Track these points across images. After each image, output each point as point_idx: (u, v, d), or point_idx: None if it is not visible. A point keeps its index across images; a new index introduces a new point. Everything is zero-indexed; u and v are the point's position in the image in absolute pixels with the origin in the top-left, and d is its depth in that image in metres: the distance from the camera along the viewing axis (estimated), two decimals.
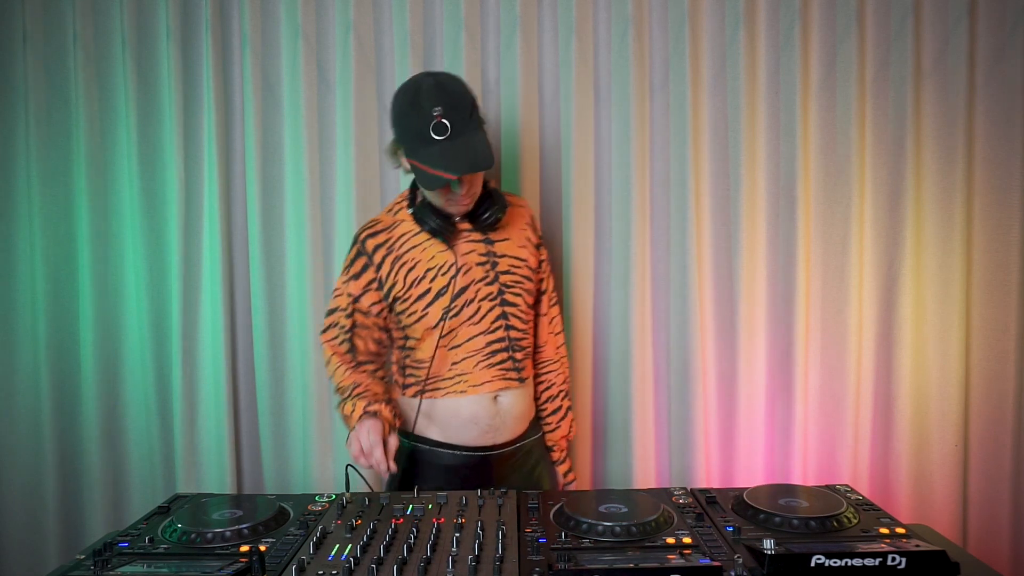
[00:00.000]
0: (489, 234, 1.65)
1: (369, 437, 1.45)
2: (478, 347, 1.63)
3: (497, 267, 1.65)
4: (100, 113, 2.05)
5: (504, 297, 1.65)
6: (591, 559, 1.13)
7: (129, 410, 2.11)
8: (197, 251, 2.06)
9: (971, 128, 2.00)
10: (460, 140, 1.46)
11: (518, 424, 1.69)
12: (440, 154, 1.45)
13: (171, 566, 1.15)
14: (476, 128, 1.50)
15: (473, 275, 1.62)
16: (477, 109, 1.53)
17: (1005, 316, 2.03)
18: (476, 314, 1.62)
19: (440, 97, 1.46)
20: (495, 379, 1.64)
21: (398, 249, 1.62)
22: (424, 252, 1.61)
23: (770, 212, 2.06)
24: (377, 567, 1.13)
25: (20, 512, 2.08)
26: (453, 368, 1.63)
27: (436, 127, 1.44)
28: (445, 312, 1.59)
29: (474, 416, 1.63)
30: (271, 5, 2.04)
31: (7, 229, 2.06)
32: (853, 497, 1.44)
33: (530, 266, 1.71)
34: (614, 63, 2.04)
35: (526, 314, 1.70)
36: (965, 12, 1.96)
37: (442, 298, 1.60)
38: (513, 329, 1.66)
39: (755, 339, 2.07)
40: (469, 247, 1.63)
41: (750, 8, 2.00)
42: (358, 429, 1.47)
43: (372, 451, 1.43)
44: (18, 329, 2.07)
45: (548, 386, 1.83)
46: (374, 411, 1.53)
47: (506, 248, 1.67)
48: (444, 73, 1.55)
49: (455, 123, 1.45)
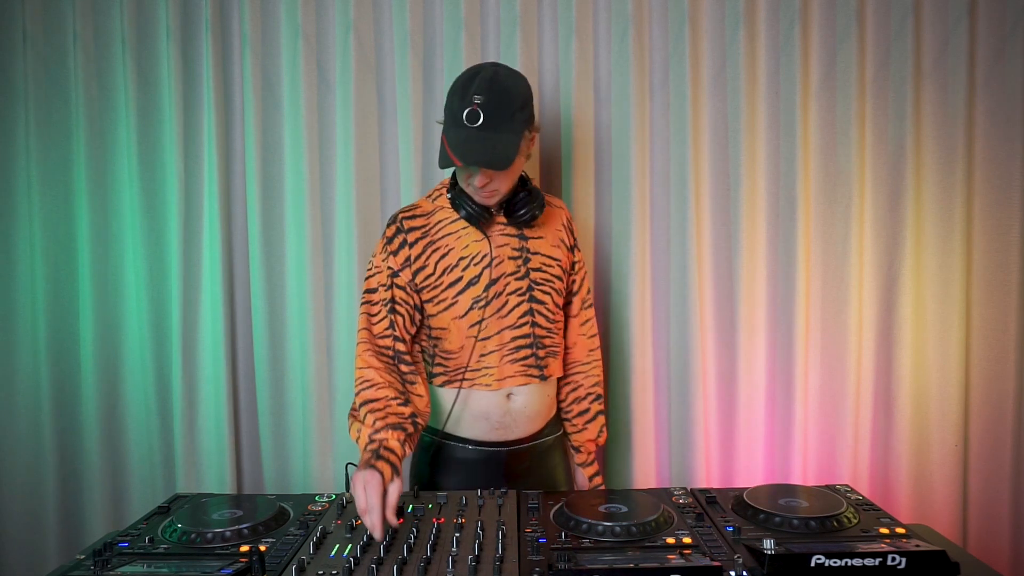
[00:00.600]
0: (524, 230, 1.65)
1: (367, 498, 1.29)
2: (504, 341, 1.62)
3: (529, 263, 1.65)
4: (100, 113, 2.05)
5: (533, 294, 1.65)
6: (591, 559, 1.13)
7: (129, 410, 2.11)
8: (197, 251, 2.06)
9: (971, 128, 2.00)
10: (488, 134, 1.45)
11: (532, 423, 1.68)
12: (463, 140, 1.45)
13: (171, 566, 1.15)
14: (511, 129, 1.48)
15: (504, 268, 1.62)
16: (524, 112, 1.51)
17: (1005, 316, 2.03)
18: (504, 307, 1.62)
19: (488, 88, 1.45)
20: (517, 375, 1.63)
21: (434, 234, 1.61)
22: (459, 240, 1.61)
23: (770, 212, 2.06)
24: (377, 567, 1.13)
25: (20, 512, 2.07)
26: (481, 360, 1.62)
27: (470, 114, 1.44)
28: (475, 301, 1.59)
29: (485, 412, 1.63)
30: (271, 5, 2.04)
31: (7, 229, 2.06)
32: (853, 497, 1.45)
33: (562, 266, 1.71)
34: (614, 63, 2.04)
35: (554, 313, 1.69)
36: (965, 12, 1.96)
37: (473, 287, 1.59)
38: (539, 327, 1.66)
39: (755, 339, 2.07)
40: (503, 240, 1.63)
41: (750, 8, 2.00)
42: (355, 481, 1.32)
43: (368, 514, 1.28)
44: (18, 329, 2.07)
45: (575, 387, 1.81)
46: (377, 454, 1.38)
47: (539, 246, 1.67)
48: (508, 69, 1.52)
49: (490, 116, 1.44)
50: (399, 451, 1.40)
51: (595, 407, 1.81)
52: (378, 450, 1.38)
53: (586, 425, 1.80)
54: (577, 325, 1.80)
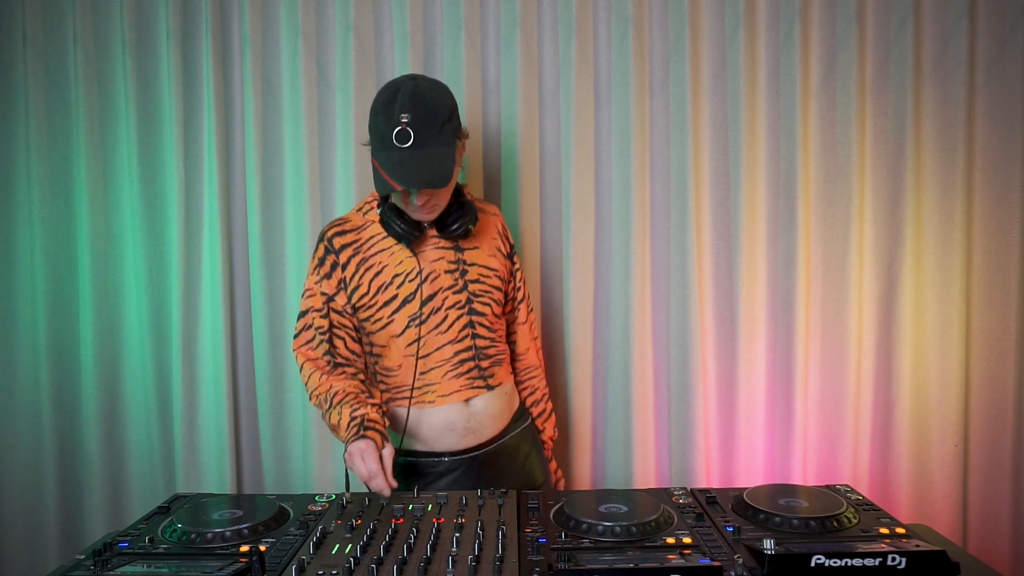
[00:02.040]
0: (459, 242, 1.62)
1: (367, 465, 1.37)
2: (446, 356, 1.60)
3: (467, 275, 1.62)
4: (100, 113, 2.05)
5: (472, 306, 1.63)
6: (591, 559, 1.13)
7: (129, 410, 2.11)
8: (197, 251, 2.06)
9: (971, 128, 2.00)
10: (422, 152, 1.42)
11: (496, 422, 1.68)
12: (398, 162, 1.42)
13: (171, 566, 1.15)
14: (443, 142, 1.46)
15: (441, 283, 1.60)
16: (452, 122, 1.48)
17: (1005, 316, 2.03)
18: (444, 322, 1.60)
19: (412, 105, 1.43)
20: (463, 388, 1.62)
21: (365, 251, 1.58)
22: (392, 257, 1.58)
23: (770, 212, 2.06)
24: (377, 567, 1.13)
25: (20, 512, 2.07)
26: (421, 378, 1.60)
27: (399, 134, 1.41)
28: (411, 319, 1.57)
29: (449, 423, 1.62)
30: (271, 5, 2.04)
31: (7, 229, 2.06)
32: (853, 497, 1.44)
33: (500, 276, 1.68)
34: (614, 63, 2.04)
35: (493, 323, 1.67)
36: (965, 12, 1.96)
37: (408, 305, 1.57)
38: (480, 338, 1.64)
39: (755, 339, 2.07)
40: (438, 254, 1.61)
41: (750, 8, 2.00)
42: (352, 454, 1.39)
43: (373, 479, 1.38)
44: (18, 329, 2.07)
45: (532, 391, 1.84)
46: (363, 425, 1.45)
47: (476, 257, 1.64)
48: (428, 79, 1.50)
49: (420, 134, 1.42)
50: (381, 421, 1.49)
51: (549, 406, 1.89)
52: (362, 423, 1.45)
53: (544, 425, 1.86)
54: (527, 331, 1.82)
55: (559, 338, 2.11)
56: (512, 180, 2.06)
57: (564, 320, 2.08)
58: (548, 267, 2.11)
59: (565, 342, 2.09)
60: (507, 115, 2.04)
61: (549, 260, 2.11)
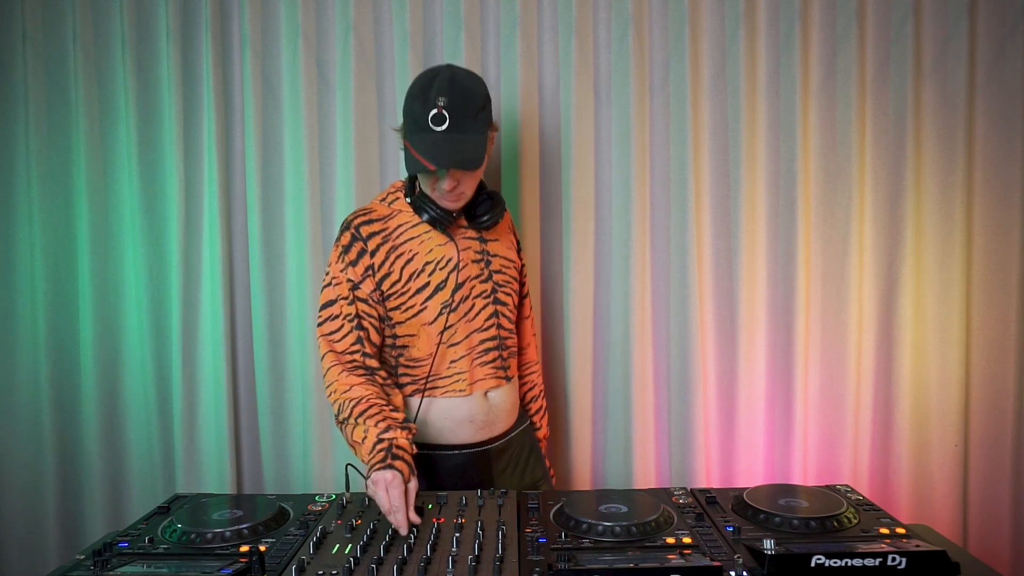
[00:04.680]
0: (483, 233, 1.65)
1: (391, 499, 1.30)
2: (473, 344, 1.62)
3: (491, 266, 1.65)
4: (100, 113, 2.05)
5: (497, 295, 1.66)
6: (591, 559, 1.13)
7: (129, 410, 2.11)
8: (197, 251, 2.06)
9: (971, 128, 2.00)
10: (455, 136, 1.44)
11: (509, 416, 1.71)
12: (431, 143, 1.44)
13: (171, 566, 1.15)
14: (477, 129, 1.48)
15: (469, 272, 1.61)
16: (486, 111, 1.51)
17: (1005, 316, 2.03)
18: (472, 311, 1.62)
19: (449, 90, 1.45)
20: (487, 377, 1.64)
21: (395, 239, 1.57)
22: (422, 245, 1.58)
23: (770, 212, 2.06)
24: (377, 567, 1.13)
25: (20, 512, 2.07)
26: (452, 366, 1.61)
27: (435, 117, 1.44)
28: (444, 307, 1.58)
29: (470, 414, 1.63)
30: (271, 5, 2.04)
31: (7, 229, 2.06)
32: (853, 497, 1.44)
33: (516, 268, 1.73)
34: (614, 63, 2.04)
35: (513, 314, 1.71)
36: (965, 12, 1.96)
37: (441, 293, 1.57)
38: (503, 328, 1.67)
39: (755, 339, 2.07)
40: (465, 244, 1.62)
41: (750, 8, 2.00)
42: (377, 483, 1.32)
43: (394, 514, 1.30)
44: (18, 329, 2.07)
45: (531, 387, 1.87)
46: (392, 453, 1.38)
47: (497, 248, 1.68)
48: (465, 70, 1.52)
49: (455, 118, 1.44)
50: (410, 449, 1.42)
51: (545, 403, 1.92)
52: (390, 449, 1.38)
53: (540, 422, 1.88)
54: (529, 325, 1.85)
55: (559, 338, 2.11)
56: (512, 180, 2.06)
57: (564, 320, 2.08)
58: (548, 267, 2.11)
59: (565, 342, 2.09)
60: (507, 115, 2.04)
61: (549, 260, 2.11)
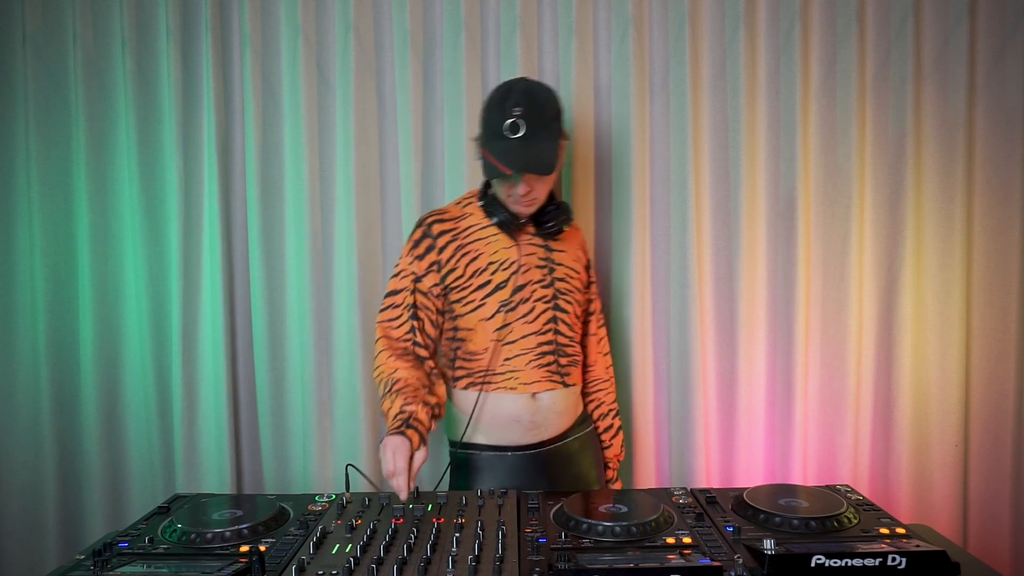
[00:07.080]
0: (549, 242, 1.70)
1: (395, 461, 1.36)
2: (530, 346, 1.66)
3: (554, 273, 1.69)
4: (100, 113, 2.05)
5: (557, 302, 1.69)
6: (591, 559, 1.13)
7: (129, 410, 2.11)
8: (197, 251, 2.06)
9: (971, 128, 2.00)
10: (530, 143, 1.52)
11: (562, 420, 1.71)
12: (507, 149, 1.52)
13: (171, 566, 1.15)
14: (550, 137, 1.55)
15: (531, 276, 1.66)
16: (558, 121, 1.59)
17: (1005, 316, 2.03)
18: (530, 313, 1.66)
19: (524, 100, 1.53)
20: (542, 380, 1.66)
21: (463, 238, 1.65)
22: (488, 245, 1.65)
23: (770, 212, 2.06)
24: (377, 567, 1.13)
25: (20, 512, 2.07)
26: (506, 364, 1.65)
27: (511, 125, 1.51)
28: (502, 305, 1.63)
29: (516, 415, 1.65)
30: (271, 5, 2.04)
31: (7, 229, 2.06)
32: (853, 497, 1.44)
33: (581, 280, 1.76)
34: (614, 63, 2.04)
35: (574, 324, 1.73)
36: (965, 12, 1.96)
37: (500, 292, 1.63)
38: (561, 335, 1.70)
39: (755, 339, 2.07)
40: (531, 249, 1.68)
41: (750, 8, 2.00)
42: (386, 445, 1.38)
43: (395, 477, 1.36)
44: (18, 329, 2.07)
45: (598, 404, 1.86)
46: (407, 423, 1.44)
47: (562, 259, 1.72)
48: (538, 82, 1.60)
49: (531, 126, 1.51)
50: (427, 423, 1.49)
51: (616, 422, 1.88)
52: (408, 419, 1.45)
53: (611, 441, 1.87)
54: (595, 343, 1.85)
55: None
56: None
57: None
58: None
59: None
60: None
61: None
